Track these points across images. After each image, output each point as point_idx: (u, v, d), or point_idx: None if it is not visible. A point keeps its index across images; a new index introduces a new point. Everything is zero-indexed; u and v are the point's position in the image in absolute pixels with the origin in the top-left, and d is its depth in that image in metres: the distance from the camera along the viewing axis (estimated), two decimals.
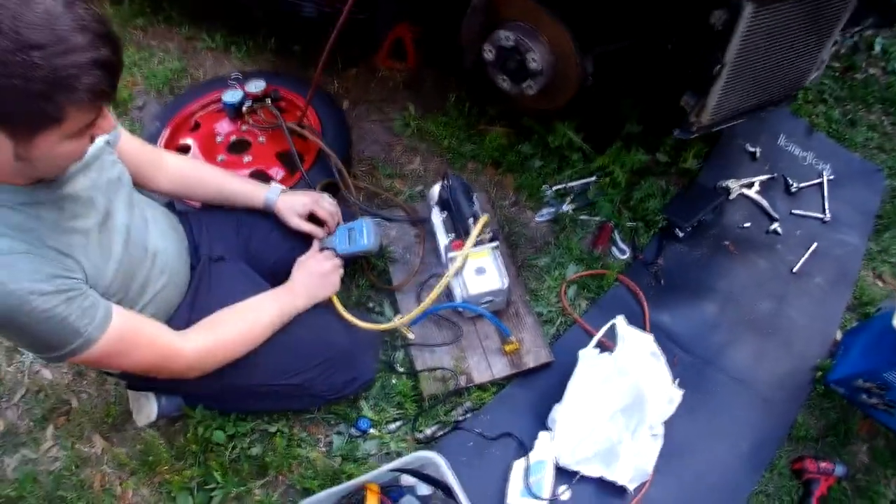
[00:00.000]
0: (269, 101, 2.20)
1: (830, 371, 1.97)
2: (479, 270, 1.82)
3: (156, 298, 1.47)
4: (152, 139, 2.22)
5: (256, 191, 1.76)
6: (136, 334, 1.30)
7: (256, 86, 2.19)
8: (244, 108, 2.18)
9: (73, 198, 1.21)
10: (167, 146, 2.20)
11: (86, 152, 1.13)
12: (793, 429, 1.90)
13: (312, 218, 1.81)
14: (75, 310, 1.14)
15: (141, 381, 1.62)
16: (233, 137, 2.28)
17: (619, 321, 1.81)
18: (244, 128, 2.26)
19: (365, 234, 1.76)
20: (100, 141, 1.33)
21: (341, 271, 1.76)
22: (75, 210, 1.22)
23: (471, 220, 1.75)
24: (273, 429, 1.81)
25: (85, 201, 1.25)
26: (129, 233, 1.38)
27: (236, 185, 1.77)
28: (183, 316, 1.55)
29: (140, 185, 1.57)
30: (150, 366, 1.36)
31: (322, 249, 1.79)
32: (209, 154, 2.19)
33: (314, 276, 1.69)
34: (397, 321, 1.78)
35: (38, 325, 1.10)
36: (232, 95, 2.18)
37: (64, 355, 1.18)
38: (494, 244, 1.84)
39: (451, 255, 1.80)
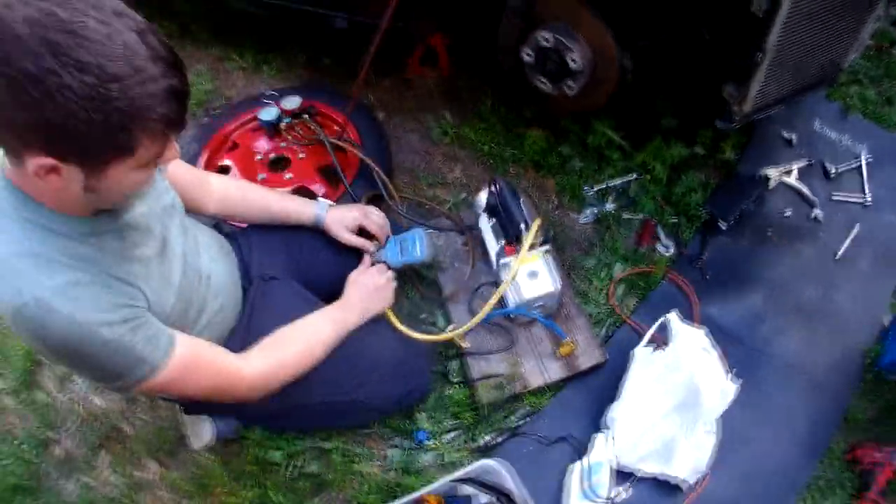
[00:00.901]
0: (306, 116, 2.20)
1: (880, 357, 1.94)
2: (531, 274, 1.81)
3: (212, 322, 1.48)
4: (191, 161, 2.22)
5: (304, 207, 1.76)
6: (199, 360, 1.30)
7: (291, 102, 2.20)
8: (282, 125, 2.18)
9: (132, 226, 1.22)
10: (206, 167, 2.21)
11: (152, 181, 1.13)
12: (847, 416, 1.87)
13: (362, 232, 1.80)
14: (140, 339, 1.15)
15: (197, 404, 1.63)
16: (272, 155, 2.28)
17: (673, 316, 1.81)
18: (283, 144, 2.27)
19: (418, 246, 1.75)
20: None
21: (395, 284, 1.76)
22: (135, 239, 1.22)
23: (523, 227, 1.74)
24: (329, 445, 1.81)
25: (143, 229, 1.25)
26: (186, 259, 1.38)
27: (284, 204, 1.77)
28: (239, 338, 1.54)
29: (188, 209, 1.57)
30: (213, 391, 1.36)
31: (374, 263, 1.78)
32: (249, 173, 2.20)
33: (368, 291, 1.68)
34: (452, 331, 1.77)
35: (104, 355, 1.11)
36: (268, 113, 2.18)
37: (131, 384, 1.18)
38: (546, 248, 1.83)
39: (503, 260, 1.80)
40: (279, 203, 1.77)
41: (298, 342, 1.51)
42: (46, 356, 1.14)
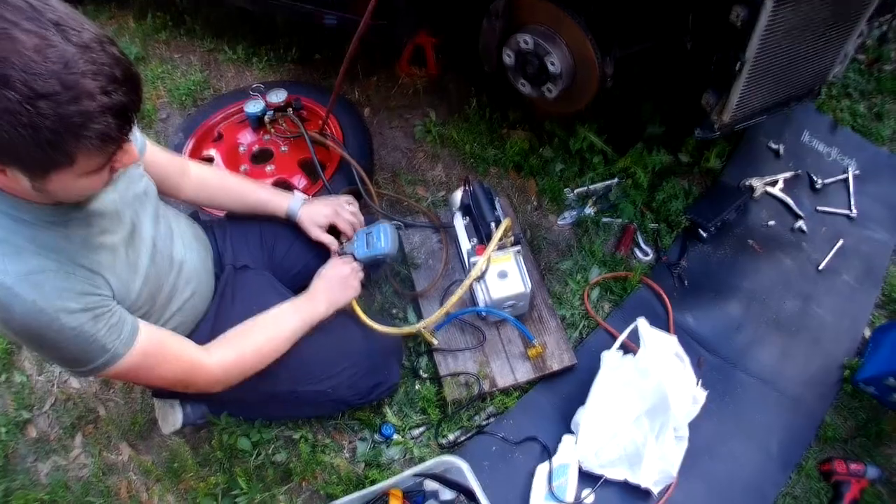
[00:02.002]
0: (290, 110, 2.21)
1: (859, 370, 1.94)
2: (501, 274, 1.82)
3: (183, 308, 1.49)
4: (176, 150, 2.25)
5: (280, 200, 1.78)
6: (162, 350, 1.31)
7: (278, 96, 2.21)
8: (266, 119, 2.20)
9: (100, 213, 1.23)
10: (191, 157, 2.23)
11: (107, 183, 1.11)
12: (820, 429, 1.87)
13: (333, 228, 1.82)
14: (102, 327, 1.16)
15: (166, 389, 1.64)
16: (255, 147, 2.30)
17: (641, 322, 1.80)
18: (266, 138, 2.29)
19: (383, 238, 1.76)
20: None
21: (361, 275, 1.76)
22: (103, 225, 1.23)
23: (493, 225, 1.75)
24: (297, 435, 1.83)
25: (112, 216, 1.26)
26: (156, 245, 1.40)
27: (260, 195, 1.78)
28: (207, 326, 1.56)
29: (165, 195, 1.58)
30: (175, 381, 1.38)
31: (342, 255, 1.79)
32: (232, 164, 2.22)
33: (333, 282, 1.69)
34: (418, 325, 1.78)
35: (66, 342, 1.12)
36: (254, 106, 2.20)
37: (91, 370, 1.20)
38: (517, 248, 1.84)
39: (473, 259, 1.80)
40: (255, 193, 1.78)
41: (262, 334, 1.52)
42: (11, 339, 1.15)
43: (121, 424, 1.93)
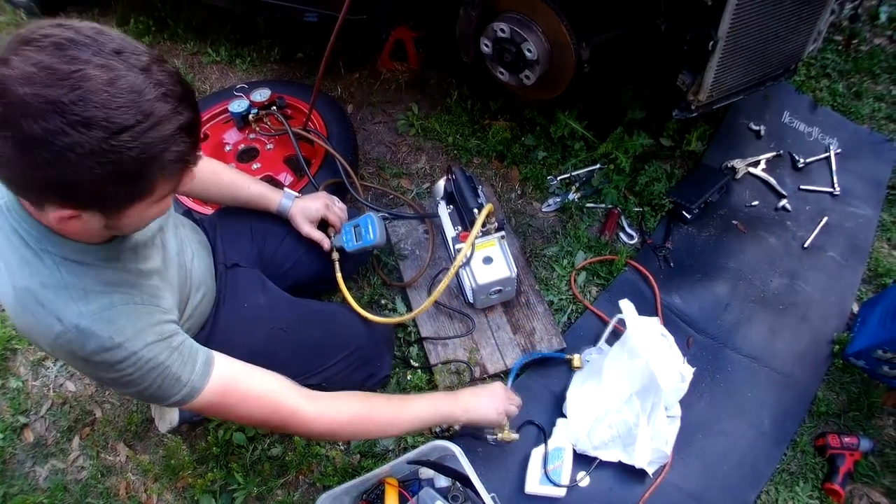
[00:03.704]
0: (274, 108, 2.23)
1: (849, 344, 1.95)
2: (486, 260, 1.83)
3: (195, 313, 1.49)
4: None
5: (272, 196, 1.77)
6: (242, 387, 1.25)
7: (261, 94, 2.23)
8: (251, 117, 2.22)
9: (143, 242, 1.23)
10: None
11: (170, 206, 1.12)
12: (813, 405, 1.88)
13: (323, 223, 1.83)
14: (176, 359, 1.15)
15: None
16: (241, 146, 2.32)
17: (624, 304, 1.81)
18: (252, 136, 2.31)
19: (370, 230, 1.77)
20: None
21: (518, 401, 1.69)
22: (147, 253, 1.24)
23: (476, 211, 1.77)
24: None
25: (148, 241, 1.26)
26: (178, 259, 1.40)
27: (252, 189, 1.77)
28: (208, 326, 1.56)
29: None
30: (261, 420, 1.29)
31: (332, 250, 1.80)
32: None
33: (491, 406, 1.59)
34: (409, 315, 1.79)
35: (144, 375, 1.11)
36: (238, 105, 2.21)
37: (173, 405, 1.19)
38: (501, 234, 1.85)
39: (458, 246, 1.82)
40: (248, 188, 1.77)
41: (389, 417, 1.43)
42: (87, 374, 1.14)
43: (117, 425, 1.94)
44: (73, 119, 0.81)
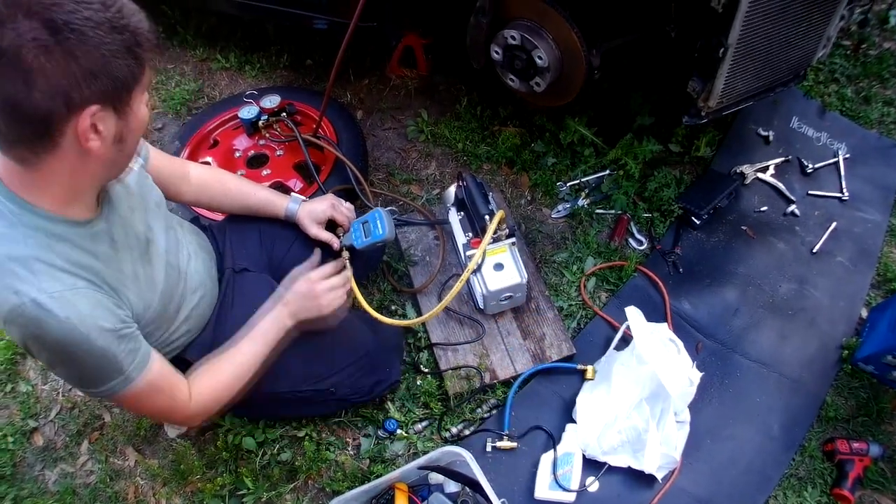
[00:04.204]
0: (284, 115, 2.24)
1: (858, 349, 1.95)
2: (497, 266, 1.84)
3: (190, 317, 1.50)
4: None
5: (279, 201, 1.78)
6: (164, 380, 1.31)
7: (271, 101, 2.23)
8: (260, 124, 2.22)
9: (121, 229, 1.25)
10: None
11: (149, 122, 1.20)
12: (822, 410, 1.88)
13: (331, 225, 1.83)
14: (123, 349, 1.18)
15: None
16: (251, 152, 2.33)
17: (630, 311, 1.81)
18: (262, 142, 2.32)
19: (379, 225, 1.75)
20: (136, 166, 1.38)
21: (347, 286, 1.67)
22: (127, 242, 1.26)
23: (487, 217, 1.77)
24: (301, 434, 1.85)
25: (128, 230, 1.28)
26: (168, 258, 1.41)
27: (259, 195, 1.78)
28: (209, 332, 1.56)
29: (168, 199, 1.59)
30: (160, 412, 1.40)
31: (341, 248, 1.78)
32: (229, 169, 2.22)
33: (313, 306, 1.59)
34: (419, 319, 1.79)
35: (92, 360, 1.13)
36: (248, 112, 2.22)
37: (102, 392, 1.20)
38: (511, 240, 1.86)
39: (469, 252, 1.82)
40: (255, 195, 1.79)
41: (232, 368, 1.47)
42: (34, 353, 1.16)
43: (126, 430, 1.95)
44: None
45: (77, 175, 1.08)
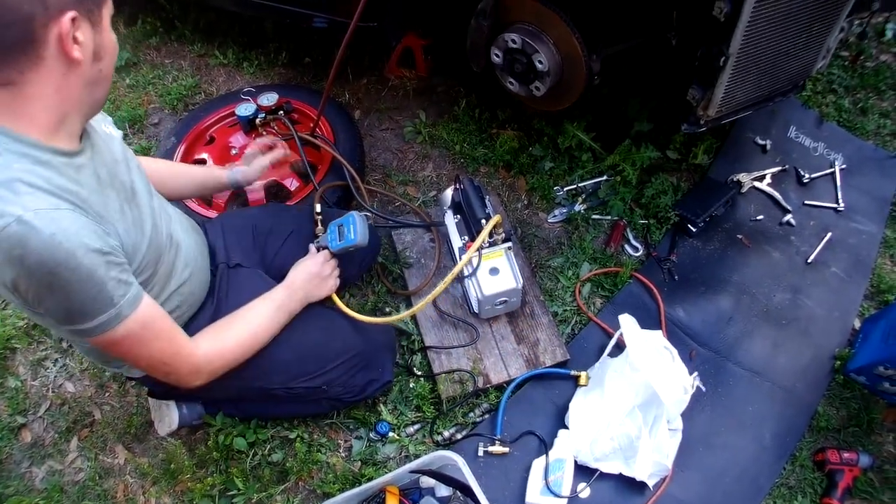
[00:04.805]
0: (281, 113, 2.23)
1: (850, 360, 1.95)
2: (493, 271, 1.83)
3: (180, 290, 1.49)
4: (168, 155, 2.27)
5: (220, 172, 1.90)
6: (159, 324, 1.30)
7: (269, 98, 2.22)
8: (258, 121, 2.21)
9: (105, 170, 1.25)
10: (183, 161, 2.25)
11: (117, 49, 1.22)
12: (813, 420, 1.89)
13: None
14: (114, 276, 1.15)
15: (162, 388, 1.63)
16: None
17: (623, 319, 1.81)
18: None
19: (352, 230, 1.75)
20: (118, 135, 1.41)
21: (338, 271, 1.79)
22: (112, 182, 1.26)
23: (483, 221, 1.77)
24: (293, 435, 1.84)
25: (113, 175, 1.27)
26: (154, 217, 1.39)
27: (203, 170, 1.91)
28: (204, 324, 1.54)
29: None
30: (160, 363, 1.35)
31: (318, 249, 1.79)
32: None
33: (312, 278, 1.71)
34: (405, 313, 1.78)
35: (78, 283, 1.10)
36: (245, 109, 2.21)
37: (94, 328, 1.17)
38: (508, 245, 1.85)
39: (464, 256, 1.82)
40: (200, 171, 1.90)
41: (242, 327, 1.52)
42: (21, 289, 1.12)
43: (116, 427, 1.93)
44: None
45: (61, 95, 1.10)
